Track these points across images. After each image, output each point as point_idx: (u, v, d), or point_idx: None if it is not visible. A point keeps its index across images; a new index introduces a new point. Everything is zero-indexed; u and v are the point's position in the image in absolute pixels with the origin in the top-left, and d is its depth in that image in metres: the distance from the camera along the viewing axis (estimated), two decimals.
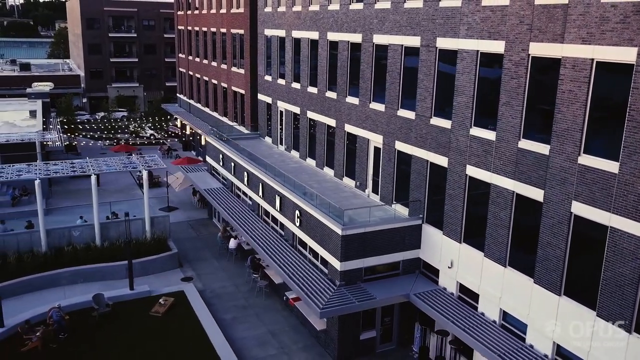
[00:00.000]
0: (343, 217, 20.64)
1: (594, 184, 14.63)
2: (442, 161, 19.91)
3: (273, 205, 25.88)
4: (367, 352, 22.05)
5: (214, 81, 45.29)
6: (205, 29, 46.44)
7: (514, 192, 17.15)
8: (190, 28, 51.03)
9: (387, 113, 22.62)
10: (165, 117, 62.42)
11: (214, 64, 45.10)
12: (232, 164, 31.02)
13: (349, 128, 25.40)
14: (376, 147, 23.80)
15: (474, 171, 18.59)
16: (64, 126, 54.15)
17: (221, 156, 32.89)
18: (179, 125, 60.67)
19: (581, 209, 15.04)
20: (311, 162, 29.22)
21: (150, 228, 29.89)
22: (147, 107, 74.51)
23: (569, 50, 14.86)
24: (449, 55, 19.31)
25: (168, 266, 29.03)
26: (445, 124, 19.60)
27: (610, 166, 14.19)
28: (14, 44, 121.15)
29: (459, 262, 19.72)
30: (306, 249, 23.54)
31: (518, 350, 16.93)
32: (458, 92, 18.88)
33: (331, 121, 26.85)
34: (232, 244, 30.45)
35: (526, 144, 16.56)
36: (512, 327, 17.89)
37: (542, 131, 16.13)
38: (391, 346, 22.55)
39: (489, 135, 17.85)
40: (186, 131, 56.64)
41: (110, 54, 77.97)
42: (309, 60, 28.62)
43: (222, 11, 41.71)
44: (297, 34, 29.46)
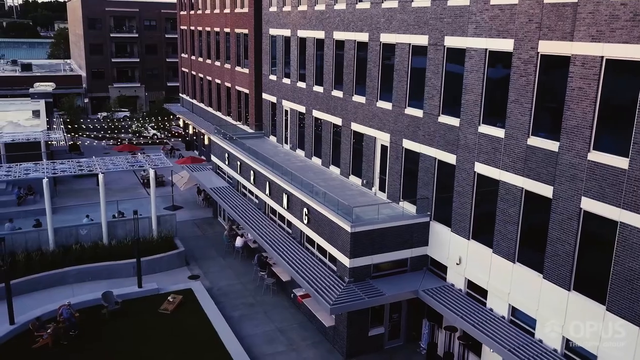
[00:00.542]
0: (352, 215, 20.79)
1: (603, 179, 14.81)
2: (451, 159, 20.07)
3: (280, 204, 26.04)
4: (375, 348, 22.22)
5: (218, 81, 45.42)
6: (208, 28, 46.56)
7: (522, 188, 17.33)
8: (193, 28, 51.14)
9: (395, 111, 22.79)
10: (168, 116, 62.52)
11: (217, 63, 45.23)
12: (238, 162, 31.16)
13: (356, 126, 25.56)
14: (383, 146, 23.96)
15: (482, 168, 18.77)
16: (67, 126, 54.23)
17: (227, 155, 33.03)
18: (181, 125, 60.86)
19: (591, 204, 15.22)
20: (317, 160, 29.37)
21: (157, 227, 30.06)
22: (149, 107, 74.63)
23: (579, 48, 15.04)
24: (457, 54, 19.48)
25: (175, 264, 29.19)
26: (454, 121, 19.77)
27: (620, 162, 14.37)
28: (14, 44, 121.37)
29: (467, 259, 19.89)
30: (314, 247, 23.69)
31: (527, 345, 17.10)
32: (466, 90, 19.05)
33: (337, 120, 27.00)
34: (239, 242, 30.60)
35: (535, 141, 16.73)
36: (521, 323, 18.06)
37: (551, 128, 16.30)
38: (399, 342, 22.73)
39: (497, 132, 18.02)
40: (189, 131, 56.79)
41: (112, 54, 78.07)
42: (315, 59, 28.76)
43: (226, 11, 41.85)
44: (303, 33, 29.61)
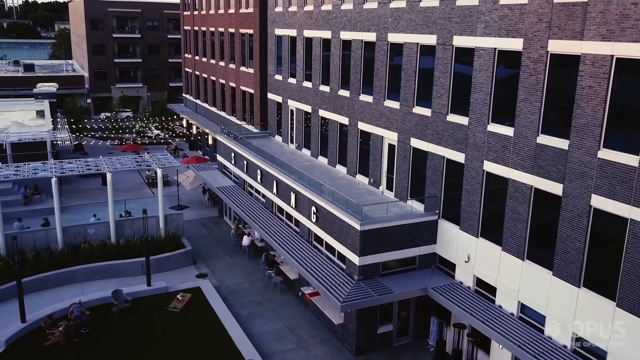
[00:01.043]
0: (361, 213, 20.96)
1: (614, 177, 14.98)
2: (459, 157, 20.24)
3: (288, 202, 26.20)
4: (384, 346, 22.38)
5: (222, 81, 45.57)
6: (213, 29, 46.73)
7: (532, 186, 17.49)
8: (197, 28, 51.29)
9: (402, 110, 22.95)
10: (171, 117, 62.67)
11: (221, 63, 45.39)
12: (245, 162, 31.32)
13: (363, 126, 25.73)
14: (390, 145, 24.13)
15: (491, 167, 18.94)
16: (71, 126, 54.40)
17: (233, 154, 33.19)
18: (184, 125, 61.01)
19: (601, 202, 15.39)
20: (323, 160, 29.53)
21: (164, 226, 30.22)
22: (151, 108, 74.79)
23: (589, 47, 15.22)
24: (465, 53, 19.65)
25: (182, 263, 29.35)
26: (463, 120, 19.94)
27: (630, 160, 14.54)
28: (16, 45, 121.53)
29: (475, 257, 20.06)
30: (322, 245, 23.85)
31: (537, 341, 17.26)
32: (475, 89, 19.22)
33: (344, 119, 27.17)
34: (246, 241, 30.77)
35: (545, 139, 16.90)
36: (530, 319, 18.24)
37: (560, 126, 16.47)
38: (407, 340, 22.89)
39: (506, 131, 18.19)
40: (192, 131, 56.94)
41: (114, 55, 78.22)
42: (321, 59, 28.92)
43: (231, 11, 42.01)
44: (309, 33, 29.77)
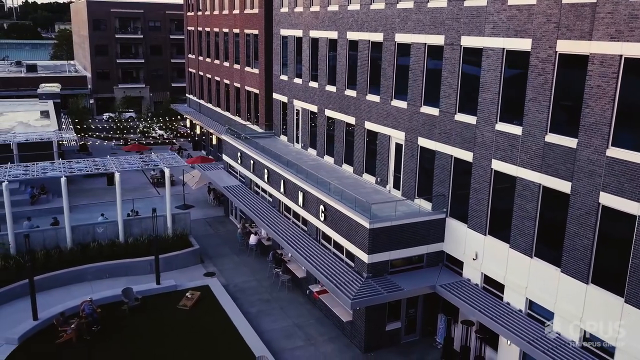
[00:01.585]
0: (370, 212, 21.19)
1: (622, 175, 15.22)
2: (467, 156, 20.48)
3: (296, 201, 26.43)
4: (392, 343, 22.62)
5: (227, 81, 45.80)
6: (217, 29, 46.96)
7: (540, 184, 17.74)
8: (201, 29, 51.52)
9: (410, 110, 23.19)
10: (175, 117, 62.91)
11: (226, 64, 45.62)
12: (252, 161, 31.55)
13: (369, 125, 25.96)
14: (398, 144, 24.36)
15: (499, 165, 19.18)
16: (75, 126, 54.64)
17: (239, 154, 33.41)
18: (188, 125, 61.24)
19: (609, 199, 15.63)
20: (329, 159, 29.76)
21: (172, 225, 30.45)
22: (154, 108, 75.01)
23: (597, 47, 15.46)
24: (473, 53, 19.90)
25: (190, 262, 29.58)
26: (470, 119, 20.18)
27: (638, 158, 14.75)
28: (17, 45, 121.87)
29: (483, 254, 20.30)
30: (330, 243, 24.09)
31: (546, 337, 17.51)
32: (483, 89, 19.46)
33: (350, 119, 27.41)
34: (253, 240, 31.01)
35: (553, 138, 17.14)
36: (538, 316, 18.48)
37: (569, 125, 16.71)
38: (415, 337, 23.13)
39: (515, 130, 18.43)
40: (196, 131, 57.17)
41: (117, 55, 78.47)
42: (327, 59, 29.16)
43: (236, 12, 42.26)
44: (315, 33, 30.00)
